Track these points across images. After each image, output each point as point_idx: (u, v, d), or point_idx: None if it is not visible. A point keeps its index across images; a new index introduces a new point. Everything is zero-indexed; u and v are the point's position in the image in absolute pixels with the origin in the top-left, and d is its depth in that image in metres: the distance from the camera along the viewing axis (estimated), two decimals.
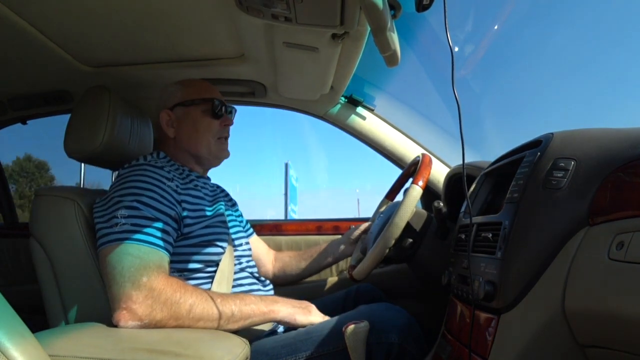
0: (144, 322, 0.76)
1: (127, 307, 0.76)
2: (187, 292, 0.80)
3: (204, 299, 0.81)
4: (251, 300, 0.87)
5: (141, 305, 0.76)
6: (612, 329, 0.49)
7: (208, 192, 1.05)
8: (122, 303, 0.76)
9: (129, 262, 0.78)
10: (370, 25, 0.64)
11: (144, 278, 0.77)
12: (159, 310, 0.77)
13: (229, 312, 0.83)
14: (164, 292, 0.78)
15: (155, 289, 0.77)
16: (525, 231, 0.63)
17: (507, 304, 0.63)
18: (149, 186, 0.86)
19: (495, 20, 1.35)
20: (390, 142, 1.45)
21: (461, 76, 1.46)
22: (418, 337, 0.87)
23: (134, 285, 0.76)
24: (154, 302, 0.76)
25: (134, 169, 0.90)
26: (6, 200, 1.67)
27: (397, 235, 0.93)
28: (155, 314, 0.76)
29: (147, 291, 0.76)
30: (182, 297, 0.79)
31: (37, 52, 1.03)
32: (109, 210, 0.85)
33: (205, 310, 0.80)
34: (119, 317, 0.76)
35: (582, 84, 1.52)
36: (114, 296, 0.77)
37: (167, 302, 0.77)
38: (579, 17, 1.44)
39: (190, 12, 0.91)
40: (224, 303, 0.83)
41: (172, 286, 0.79)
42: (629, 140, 0.58)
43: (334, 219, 1.59)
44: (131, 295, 0.76)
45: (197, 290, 0.82)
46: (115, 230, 0.81)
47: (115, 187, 0.87)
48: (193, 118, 1.03)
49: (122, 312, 0.76)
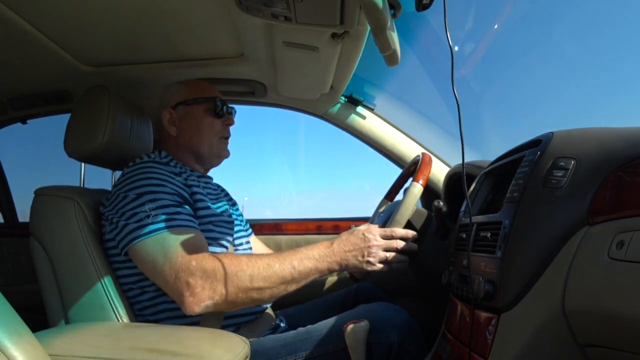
0: (214, 301, 0.78)
1: (191, 294, 0.77)
2: (242, 264, 0.80)
3: (261, 267, 0.81)
4: (306, 256, 0.85)
5: (202, 288, 0.77)
6: (612, 328, 0.49)
7: (211, 191, 1.05)
8: (185, 292, 0.77)
9: (171, 252, 0.79)
10: (370, 24, 0.64)
11: (192, 262, 0.78)
12: (221, 287, 0.78)
13: (289, 276, 0.83)
14: (218, 269, 0.78)
15: (207, 269, 0.78)
16: (525, 230, 0.63)
17: (507, 304, 0.63)
18: (162, 182, 0.87)
19: (495, 20, 1.35)
20: (390, 141, 1.45)
21: (461, 76, 1.46)
22: (418, 336, 0.87)
23: (187, 273, 0.77)
24: (212, 281, 0.77)
25: (141, 166, 0.90)
26: (6, 200, 1.67)
27: None
28: (219, 290, 0.77)
29: (201, 273, 0.77)
30: (239, 269, 0.79)
31: (37, 52, 1.03)
32: (129, 207, 0.84)
33: (266, 277, 0.81)
34: (188, 305, 0.77)
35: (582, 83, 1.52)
36: (173, 289, 0.79)
37: (225, 277, 0.78)
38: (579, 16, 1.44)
39: (190, 12, 0.91)
40: (282, 267, 0.82)
41: (224, 262, 0.79)
42: (629, 139, 0.58)
43: (334, 219, 1.59)
44: (189, 282, 0.77)
45: (251, 260, 0.82)
46: (145, 222, 0.81)
47: (126, 184, 0.87)
48: (195, 117, 1.03)
49: (189, 300, 0.77)
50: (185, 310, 0.78)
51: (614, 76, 1.56)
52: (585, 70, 1.59)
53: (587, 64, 1.57)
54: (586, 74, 1.60)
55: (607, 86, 1.59)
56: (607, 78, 1.58)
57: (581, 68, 1.57)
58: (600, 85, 1.60)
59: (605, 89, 1.60)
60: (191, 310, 0.77)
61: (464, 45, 1.41)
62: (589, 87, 1.63)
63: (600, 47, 1.51)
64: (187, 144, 1.04)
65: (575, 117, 1.66)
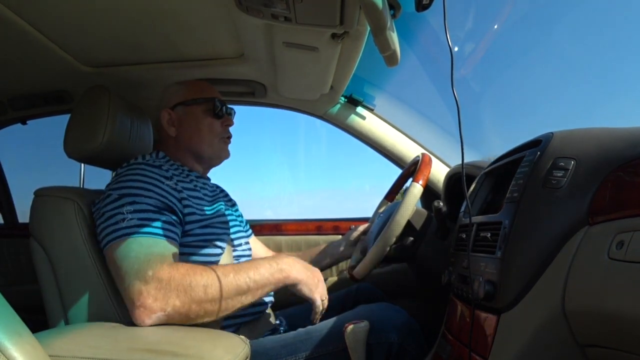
0: (165, 313, 0.75)
1: (141, 304, 0.74)
2: (196, 274, 0.77)
3: (216, 277, 0.79)
4: (264, 268, 0.84)
5: (154, 299, 0.74)
6: (612, 328, 0.49)
7: (208, 192, 1.05)
8: (136, 301, 0.74)
9: (133, 258, 0.77)
10: (369, 24, 0.64)
11: (149, 271, 0.75)
12: (174, 298, 0.75)
13: (245, 286, 0.80)
14: (173, 279, 0.75)
15: (162, 279, 0.75)
16: (525, 231, 0.63)
17: (507, 304, 0.63)
18: (147, 185, 0.86)
19: (495, 20, 1.35)
20: (390, 141, 1.45)
21: (461, 76, 1.46)
22: (418, 336, 0.87)
23: (142, 281, 0.75)
24: (166, 292, 0.74)
25: (131, 167, 0.90)
26: (6, 200, 1.67)
27: (398, 233, 0.93)
28: (171, 302, 0.74)
29: (155, 283, 0.74)
30: (193, 280, 0.76)
31: (37, 52, 1.02)
32: (109, 208, 0.84)
33: (221, 288, 0.78)
34: (137, 316, 0.74)
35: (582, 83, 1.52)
36: (126, 296, 0.76)
37: (179, 288, 0.75)
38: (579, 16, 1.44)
39: (190, 12, 0.91)
40: (237, 277, 0.80)
41: (180, 271, 0.77)
42: (629, 139, 0.58)
43: (334, 219, 1.59)
44: (141, 291, 0.74)
45: (206, 270, 0.79)
46: (118, 227, 0.81)
47: (113, 186, 0.87)
48: (194, 117, 1.03)
49: (139, 310, 0.74)
50: (135, 321, 0.75)
51: (614, 76, 1.56)
52: (585, 70, 1.59)
53: (587, 64, 1.57)
54: (586, 74, 1.60)
55: (607, 86, 1.59)
56: (607, 78, 1.58)
57: (581, 68, 1.57)
58: (600, 86, 1.60)
59: (605, 89, 1.60)
60: (141, 322, 0.74)
61: (464, 46, 1.42)
62: (589, 87, 1.63)
63: (601, 47, 1.51)
64: (187, 145, 1.04)
65: (575, 117, 1.66)
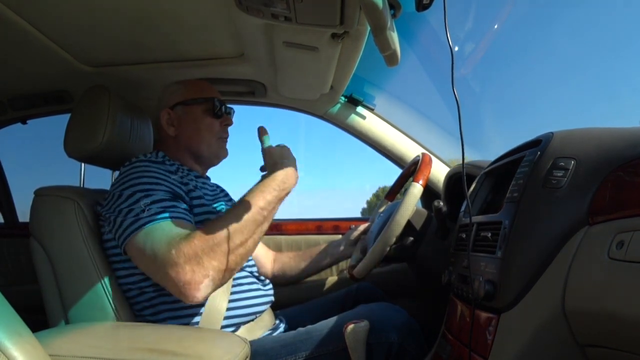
0: (210, 277, 0.76)
1: (184, 282, 0.74)
2: (214, 232, 0.78)
3: (233, 222, 0.80)
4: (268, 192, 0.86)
5: (192, 272, 0.75)
6: (612, 328, 0.49)
7: (208, 191, 1.05)
8: (178, 282, 0.74)
9: (157, 243, 0.77)
10: (370, 24, 0.64)
11: (172, 251, 0.75)
12: (209, 261, 0.76)
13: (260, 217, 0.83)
14: (196, 247, 0.76)
15: (187, 253, 0.75)
16: (525, 230, 0.63)
17: (507, 304, 0.63)
18: (156, 179, 0.87)
19: (495, 20, 1.35)
20: (390, 141, 1.45)
21: (461, 76, 1.46)
22: (418, 336, 0.87)
23: (172, 263, 0.75)
24: (197, 262, 0.75)
25: (136, 165, 0.90)
26: (6, 200, 1.67)
27: (398, 232, 0.93)
28: (209, 265, 0.76)
29: (183, 258, 0.75)
30: (214, 237, 0.78)
31: (37, 52, 1.02)
32: (125, 205, 0.84)
33: (242, 229, 0.80)
34: (187, 294, 0.75)
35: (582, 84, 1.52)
36: (167, 284, 0.76)
37: (206, 251, 0.76)
38: (579, 17, 1.45)
39: (190, 12, 0.91)
40: (252, 213, 0.82)
41: (197, 238, 0.77)
42: (629, 139, 0.58)
43: (334, 219, 1.59)
44: (177, 272, 0.74)
45: (218, 220, 0.81)
46: (140, 216, 0.81)
47: (122, 185, 0.87)
48: (194, 117, 1.03)
49: (186, 289, 0.74)
50: (187, 300, 0.75)
51: (614, 76, 1.56)
52: (585, 70, 1.59)
53: (588, 64, 1.57)
54: (586, 74, 1.60)
55: (607, 86, 1.59)
56: (607, 78, 1.58)
57: (581, 68, 1.58)
58: (600, 86, 1.60)
59: (605, 89, 1.61)
60: (193, 297, 0.75)
61: (464, 45, 1.42)
62: (589, 87, 1.63)
63: (601, 47, 1.52)
64: (186, 145, 1.04)
65: (575, 117, 1.66)
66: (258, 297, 0.98)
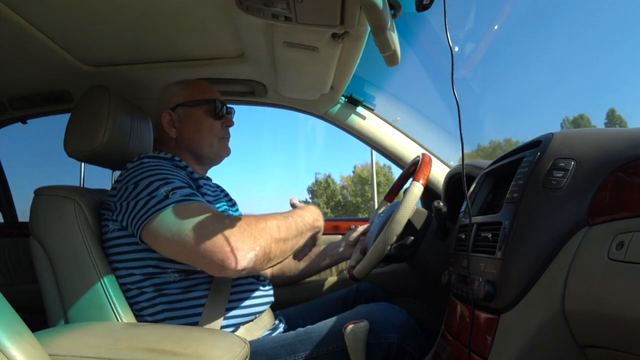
0: (255, 252, 0.77)
1: (233, 248, 0.74)
2: (266, 219, 0.83)
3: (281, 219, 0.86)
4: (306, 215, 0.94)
5: (243, 241, 0.75)
6: (612, 329, 0.49)
7: (209, 192, 1.05)
8: (225, 247, 0.74)
9: (200, 216, 0.77)
10: (370, 24, 0.64)
11: (226, 220, 0.77)
12: (258, 237, 0.78)
13: (301, 228, 0.90)
14: (250, 224, 0.79)
15: (241, 224, 0.77)
16: (525, 231, 0.63)
17: (507, 304, 0.63)
18: (169, 171, 0.88)
19: (495, 20, 1.35)
20: (390, 141, 1.45)
21: (461, 76, 1.46)
22: (418, 336, 0.87)
23: (223, 228, 0.75)
24: (250, 233, 0.77)
25: (147, 160, 0.90)
26: (6, 200, 1.68)
27: (398, 232, 0.93)
28: (258, 242, 0.77)
29: (237, 228, 0.76)
30: (265, 223, 0.82)
31: (37, 52, 1.02)
32: (144, 193, 0.82)
33: (287, 228, 0.86)
34: (232, 260, 0.73)
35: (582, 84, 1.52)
36: (208, 253, 0.74)
37: (257, 229, 0.79)
38: (579, 17, 1.45)
39: (190, 12, 0.91)
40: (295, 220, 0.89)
41: (251, 217, 0.81)
42: (629, 140, 0.58)
43: (334, 219, 1.59)
44: (229, 237, 0.74)
45: (270, 215, 0.86)
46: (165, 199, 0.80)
47: (135, 175, 0.86)
48: (195, 118, 1.03)
49: (232, 255, 0.73)
50: (229, 267, 0.73)
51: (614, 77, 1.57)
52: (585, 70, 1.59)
53: (588, 64, 1.57)
54: (587, 74, 1.60)
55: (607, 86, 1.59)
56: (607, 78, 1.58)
57: (582, 68, 1.58)
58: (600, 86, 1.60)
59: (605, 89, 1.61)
60: (237, 265, 0.73)
61: (464, 46, 1.42)
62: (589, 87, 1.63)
63: (601, 47, 1.52)
64: (187, 146, 1.04)
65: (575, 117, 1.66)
66: (257, 298, 0.98)
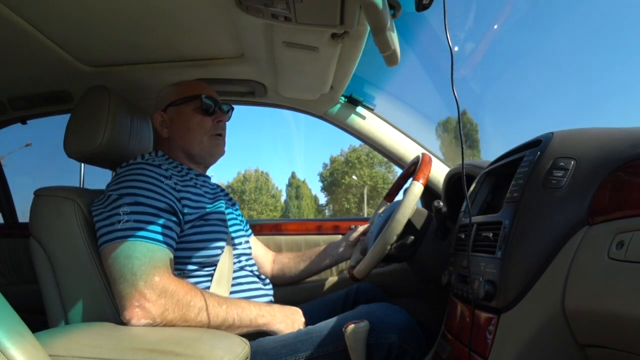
0: (157, 321, 0.77)
1: (140, 305, 0.76)
2: (196, 296, 0.82)
3: (211, 304, 0.83)
4: (250, 310, 0.89)
5: (155, 305, 0.77)
6: (612, 328, 0.49)
7: (208, 190, 1.05)
8: (135, 301, 0.76)
9: (139, 260, 0.79)
10: (370, 24, 0.64)
11: (156, 277, 0.78)
12: (171, 310, 0.78)
13: (231, 320, 0.85)
14: (177, 293, 0.79)
15: (168, 289, 0.78)
16: (525, 231, 0.63)
17: (507, 304, 0.63)
18: (147, 185, 0.86)
19: (495, 20, 1.35)
20: (390, 141, 1.45)
21: (461, 76, 1.46)
22: (418, 336, 0.87)
23: (147, 284, 0.77)
24: (167, 302, 0.78)
25: (131, 167, 0.90)
26: (6, 200, 1.67)
27: (398, 231, 0.93)
28: (167, 314, 0.77)
29: (160, 291, 0.77)
30: (193, 300, 0.81)
31: (37, 52, 1.02)
32: (108, 208, 0.85)
33: (211, 315, 0.82)
34: (131, 315, 0.76)
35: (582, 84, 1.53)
36: (124, 294, 0.77)
37: (179, 303, 0.79)
38: (579, 17, 1.45)
39: (190, 12, 0.91)
40: (229, 310, 0.85)
41: (184, 288, 0.81)
42: (629, 140, 0.58)
43: (334, 219, 1.59)
44: (144, 294, 0.76)
45: (204, 294, 0.84)
46: (118, 227, 0.81)
47: (113, 186, 0.87)
48: (184, 117, 1.03)
49: (135, 310, 0.76)
50: (124, 318, 0.77)
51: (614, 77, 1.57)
52: (585, 70, 1.59)
53: (588, 64, 1.58)
54: (586, 74, 1.60)
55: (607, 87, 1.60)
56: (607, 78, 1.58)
57: (581, 68, 1.58)
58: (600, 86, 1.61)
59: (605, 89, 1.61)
60: (130, 320, 0.76)
61: (464, 46, 1.42)
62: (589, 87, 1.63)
63: (601, 48, 1.52)
64: (179, 145, 1.03)
65: (575, 117, 1.67)
66: (258, 297, 0.98)
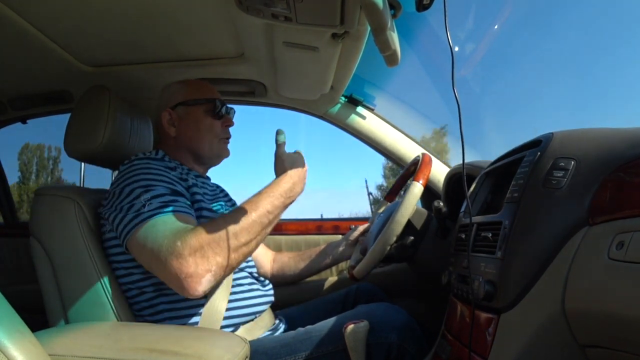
0: (212, 272, 0.76)
1: (187, 275, 0.74)
2: (221, 227, 0.79)
3: (241, 220, 0.81)
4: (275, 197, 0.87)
5: (196, 265, 0.75)
6: (612, 328, 0.49)
7: (207, 191, 1.05)
8: (180, 274, 0.74)
9: (161, 236, 0.77)
10: (370, 24, 0.64)
11: (178, 242, 0.76)
12: (213, 255, 0.76)
13: (266, 220, 0.84)
14: (202, 240, 0.77)
15: (193, 244, 0.76)
16: (525, 231, 0.63)
17: (507, 304, 0.63)
18: (157, 175, 0.87)
19: (495, 20, 1.35)
20: (390, 142, 1.45)
21: (461, 76, 1.46)
22: (418, 337, 0.87)
23: (175, 254, 0.75)
24: (203, 254, 0.76)
25: (135, 163, 0.90)
26: (6, 200, 1.67)
27: (398, 232, 0.93)
28: (213, 260, 0.76)
29: (188, 251, 0.75)
30: (221, 233, 0.78)
31: (37, 52, 1.02)
32: (125, 202, 0.84)
33: (248, 229, 0.81)
34: (189, 287, 0.75)
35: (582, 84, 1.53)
36: (168, 276, 0.76)
37: (212, 245, 0.77)
38: (578, 17, 1.45)
39: (190, 12, 0.91)
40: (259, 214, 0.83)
41: (205, 231, 0.78)
42: (629, 140, 0.58)
43: (334, 219, 1.59)
44: (181, 264, 0.75)
45: (227, 218, 0.81)
46: (140, 212, 0.81)
47: (122, 183, 0.87)
48: (195, 118, 1.03)
49: (188, 281, 0.74)
50: (188, 293, 0.75)
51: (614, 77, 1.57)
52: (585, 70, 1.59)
53: (588, 64, 1.58)
54: (587, 74, 1.60)
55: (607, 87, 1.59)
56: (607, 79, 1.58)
57: (581, 68, 1.58)
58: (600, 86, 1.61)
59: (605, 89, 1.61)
60: (194, 291, 0.75)
61: (465, 46, 1.42)
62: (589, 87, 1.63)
63: (601, 48, 1.52)
64: (187, 145, 1.04)
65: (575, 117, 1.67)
66: (258, 298, 0.98)
